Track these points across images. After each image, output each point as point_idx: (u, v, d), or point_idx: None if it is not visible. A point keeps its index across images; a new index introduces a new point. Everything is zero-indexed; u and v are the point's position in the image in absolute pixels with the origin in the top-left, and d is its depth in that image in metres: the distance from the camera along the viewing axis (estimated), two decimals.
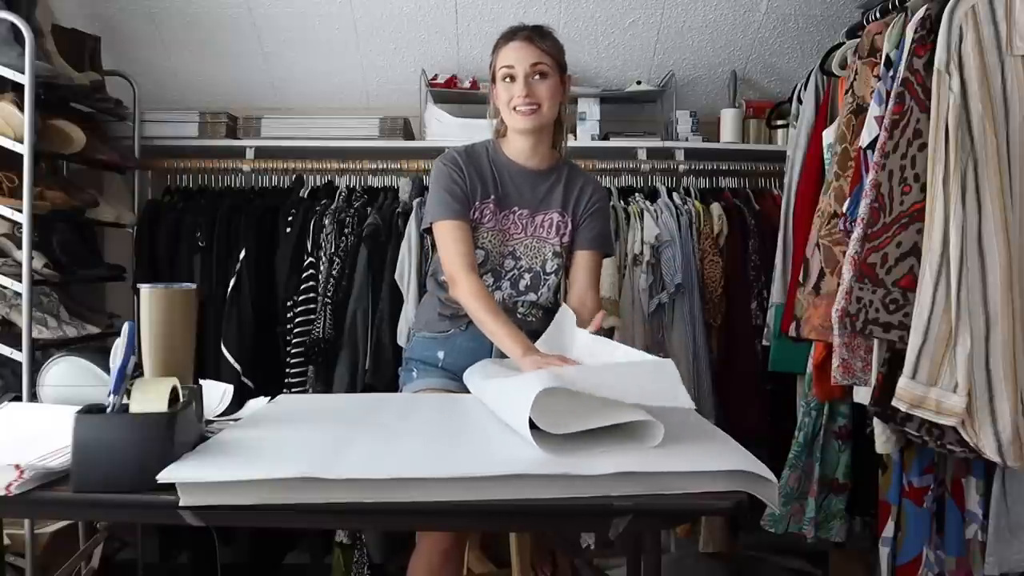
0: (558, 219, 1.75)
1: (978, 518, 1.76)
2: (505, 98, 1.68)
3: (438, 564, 1.51)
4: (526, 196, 1.75)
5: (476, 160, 1.74)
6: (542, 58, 1.68)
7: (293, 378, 2.38)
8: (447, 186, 1.69)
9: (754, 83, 2.91)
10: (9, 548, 2.00)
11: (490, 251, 1.72)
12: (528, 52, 1.67)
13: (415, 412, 1.38)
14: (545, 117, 1.70)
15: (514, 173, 1.75)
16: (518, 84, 1.66)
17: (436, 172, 1.73)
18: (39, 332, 2.14)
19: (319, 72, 2.80)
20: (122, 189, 2.66)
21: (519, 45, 1.68)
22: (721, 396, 2.47)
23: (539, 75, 1.67)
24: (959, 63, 1.51)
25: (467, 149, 1.77)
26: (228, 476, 0.93)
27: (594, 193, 1.79)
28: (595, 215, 1.78)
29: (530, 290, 1.74)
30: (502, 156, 1.76)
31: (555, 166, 1.78)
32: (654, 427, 1.08)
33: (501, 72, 1.69)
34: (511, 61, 1.67)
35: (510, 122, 1.71)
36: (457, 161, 1.72)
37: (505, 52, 1.69)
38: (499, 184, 1.73)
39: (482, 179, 1.72)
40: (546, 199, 1.76)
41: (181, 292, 1.19)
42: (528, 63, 1.66)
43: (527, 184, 1.75)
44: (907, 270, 1.56)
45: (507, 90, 1.68)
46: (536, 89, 1.67)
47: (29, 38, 1.99)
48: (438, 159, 1.76)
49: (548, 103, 1.68)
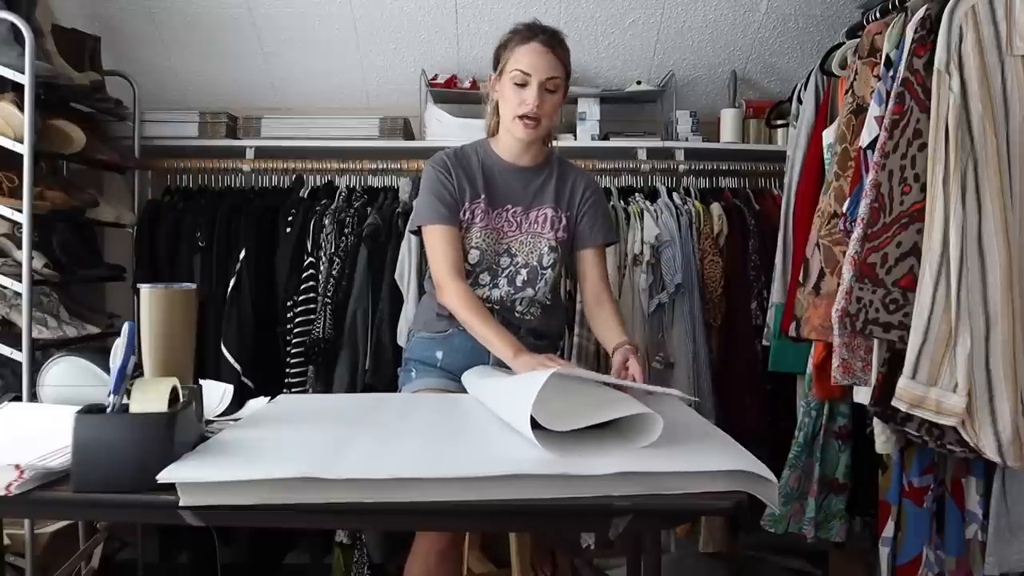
0: (551, 213, 1.76)
1: (978, 518, 1.76)
2: (513, 102, 1.67)
3: (435, 564, 1.51)
4: (518, 193, 1.75)
5: (465, 162, 1.75)
6: (557, 71, 1.66)
7: (293, 378, 2.38)
8: (435, 189, 1.71)
9: (754, 83, 2.91)
10: (9, 548, 2.00)
11: (484, 250, 1.72)
12: (546, 62, 1.65)
13: (415, 412, 1.38)
14: (544, 130, 1.71)
15: (505, 171, 1.76)
16: (530, 92, 1.65)
17: (425, 176, 1.75)
18: (39, 332, 2.14)
19: (319, 72, 2.80)
20: (122, 189, 2.66)
21: (539, 51, 1.65)
22: (721, 396, 2.47)
23: (550, 90, 1.66)
24: (959, 63, 1.51)
25: (457, 151, 1.78)
26: (228, 476, 0.93)
27: (587, 187, 1.80)
28: (592, 209, 1.79)
29: (527, 285, 1.74)
30: (493, 155, 1.77)
31: (546, 162, 1.79)
32: (653, 421, 1.08)
33: (514, 75, 1.66)
34: (527, 67, 1.64)
35: (510, 128, 1.71)
36: (446, 164, 1.73)
37: (521, 54, 1.66)
38: (490, 183, 1.74)
39: (471, 180, 1.73)
40: (539, 195, 1.76)
41: (181, 292, 1.19)
42: (544, 75, 1.64)
43: (519, 181, 1.76)
44: (907, 270, 1.56)
45: (517, 94, 1.66)
46: (544, 103, 1.66)
47: (29, 38, 1.99)
48: (428, 162, 1.77)
49: (549, 119, 1.69)
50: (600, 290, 1.77)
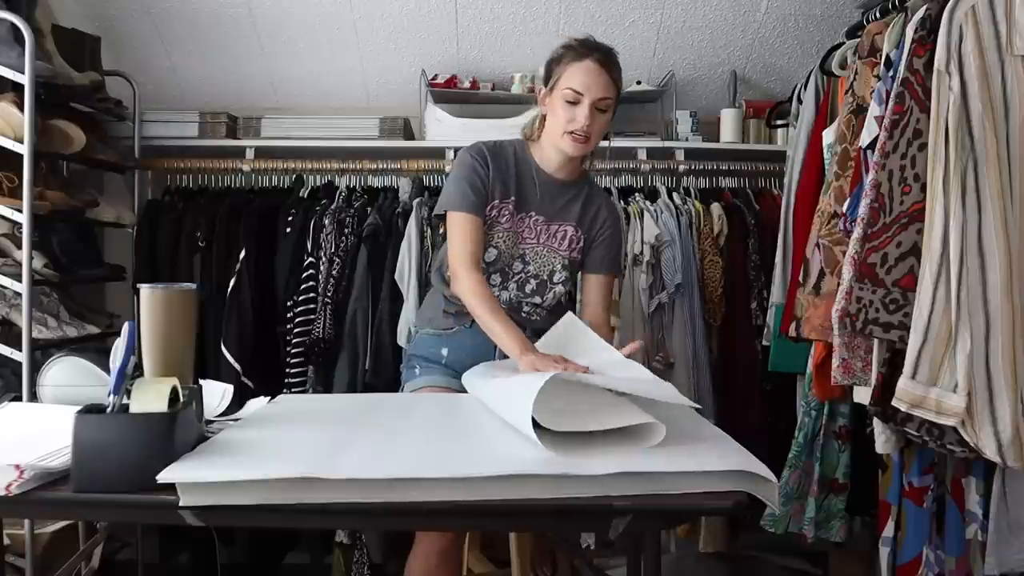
0: (572, 232, 1.75)
1: (978, 518, 1.76)
2: (564, 118, 1.63)
3: (435, 565, 1.51)
4: (545, 204, 1.74)
5: (503, 159, 1.72)
6: (609, 92, 1.64)
7: (293, 378, 2.38)
8: (469, 178, 1.68)
9: (754, 83, 2.91)
10: (9, 548, 2.00)
11: (502, 251, 1.71)
12: (600, 82, 1.62)
13: (415, 412, 1.38)
14: (591, 148, 1.69)
15: (539, 179, 1.74)
16: (582, 110, 1.61)
17: (461, 160, 1.72)
18: (39, 332, 2.14)
19: (319, 72, 2.80)
20: (122, 189, 2.66)
21: (594, 69, 1.62)
22: (721, 396, 2.47)
23: (601, 110, 1.64)
24: (959, 63, 1.51)
25: (496, 145, 1.74)
26: (228, 476, 0.93)
27: (609, 216, 1.80)
28: (609, 239, 1.79)
29: (535, 294, 1.75)
30: (530, 160, 1.75)
31: (579, 181, 1.78)
32: (655, 427, 1.08)
33: (566, 92, 1.62)
34: (581, 87, 1.61)
35: (557, 143, 1.68)
36: (484, 155, 1.70)
37: (576, 71, 1.62)
38: (521, 187, 1.72)
39: (504, 180, 1.71)
40: (563, 211, 1.75)
41: (181, 292, 1.19)
42: (597, 95, 1.62)
43: (548, 193, 1.74)
44: (907, 270, 1.56)
45: (567, 112, 1.63)
46: (595, 122, 1.63)
47: (29, 38, 1.99)
48: (464, 149, 1.74)
49: (598, 137, 1.67)
50: (597, 316, 1.75)
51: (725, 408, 2.46)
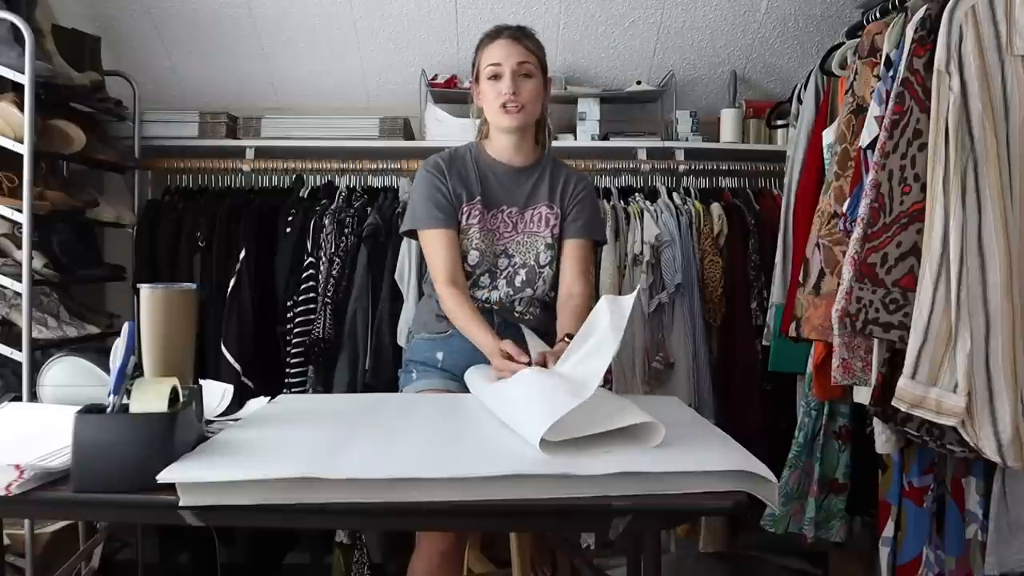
0: (547, 211, 1.77)
1: (978, 518, 1.76)
2: (492, 95, 1.70)
3: (437, 566, 1.51)
4: (513, 194, 1.76)
5: (460, 164, 1.76)
6: (528, 57, 1.70)
7: (293, 378, 2.38)
8: (430, 193, 1.71)
9: (754, 83, 2.90)
10: (9, 548, 2.00)
11: (483, 251, 1.72)
12: (514, 50, 1.69)
13: (415, 412, 1.38)
14: (530, 116, 1.72)
15: (499, 172, 1.76)
16: (505, 81, 1.68)
17: (419, 179, 1.76)
18: (39, 332, 2.14)
19: (319, 72, 2.80)
20: (122, 189, 2.66)
21: (505, 43, 1.70)
22: (721, 396, 2.47)
23: (525, 75, 1.69)
24: (959, 63, 1.51)
25: (450, 154, 1.78)
26: (228, 476, 0.93)
27: (578, 183, 1.81)
28: (580, 204, 1.79)
29: (527, 285, 1.75)
30: (486, 156, 1.77)
31: (539, 162, 1.80)
32: (655, 427, 1.08)
33: (488, 71, 1.70)
34: (498, 59, 1.69)
35: (495, 121, 1.73)
36: (440, 167, 1.74)
37: (491, 50, 1.71)
38: (485, 185, 1.74)
39: (466, 183, 1.73)
40: (533, 194, 1.77)
41: (181, 292, 1.19)
42: (515, 61, 1.68)
43: (513, 182, 1.76)
44: (907, 270, 1.56)
45: (494, 88, 1.69)
46: (521, 88, 1.68)
47: (29, 38, 1.99)
48: (421, 165, 1.78)
49: (533, 103, 1.71)
50: (573, 282, 1.73)
51: (725, 408, 2.46)
